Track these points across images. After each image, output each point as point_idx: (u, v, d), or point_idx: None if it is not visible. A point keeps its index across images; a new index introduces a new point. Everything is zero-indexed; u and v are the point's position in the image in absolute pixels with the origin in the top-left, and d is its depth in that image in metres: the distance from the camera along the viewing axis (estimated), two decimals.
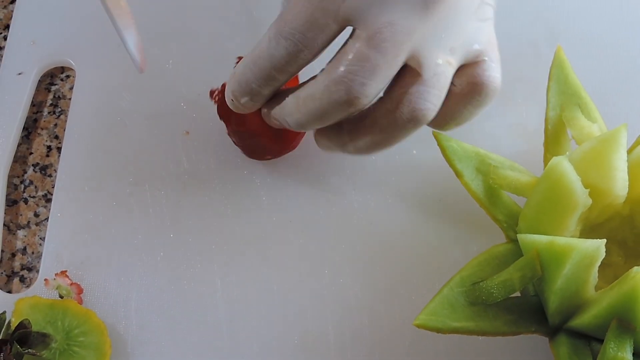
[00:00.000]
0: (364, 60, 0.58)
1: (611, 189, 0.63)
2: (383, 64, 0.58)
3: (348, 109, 0.60)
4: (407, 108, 0.60)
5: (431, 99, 0.61)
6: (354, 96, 0.59)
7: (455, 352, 0.69)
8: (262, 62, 0.61)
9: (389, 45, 0.58)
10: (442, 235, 0.73)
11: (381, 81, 0.59)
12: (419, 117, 0.61)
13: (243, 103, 0.65)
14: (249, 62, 0.63)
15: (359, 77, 0.58)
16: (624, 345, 0.58)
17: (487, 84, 0.62)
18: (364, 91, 0.59)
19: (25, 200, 0.77)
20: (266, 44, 0.61)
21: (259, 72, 0.62)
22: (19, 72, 0.80)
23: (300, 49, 0.60)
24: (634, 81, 0.79)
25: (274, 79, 0.62)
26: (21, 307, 0.69)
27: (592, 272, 0.61)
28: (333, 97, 0.59)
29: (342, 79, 0.58)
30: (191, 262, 0.73)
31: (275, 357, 0.69)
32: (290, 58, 0.60)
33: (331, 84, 0.59)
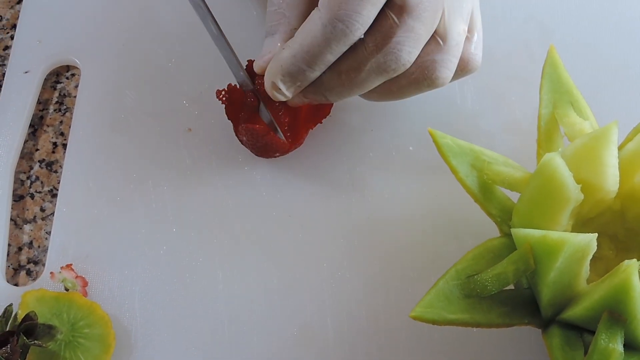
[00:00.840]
0: (409, 30, 0.61)
1: (602, 184, 0.63)
2: (424, 32, 0.62)
3: (393, 74, 0.63)
4: (430, 75, 0.64)
5: (451, 67, 0.65)
6: (402, 63, 0.62)
7: (451, 343, 0.69)
8: (318, 48, 0.63)
9: (429, 15, 0.61)
10: (437, 230, 0.73)
11: (421, 47, 0.63)
12: (438, 83, 0.65)
13: (291, 91, 0.67)
14: (300, 51, 0.63)
15: (407, 46, 0.61)
16: (615, 336, 0.58)
17: (474, 61, 0.67)
18: (410, 59, 0.63)
19: (31, 195, 0.77)
20: (320, 30, 0.62)
21: (313, 58, 0.63)
22: (26, 71, 0.80)
23: (356, 28, 0.61)
24: (625, 79, 0.79)
25: (328, 61, 0.64)
26: (27, 300, 0.69)
27: (584, 265, 0.60)
28: (382, 67, 0.62)
29: (391, 49, 0.61)
30: (193, 256, 0.73)
31: (275, 348, 0.69)
32: (346, 39, 0.62)
33: (380, 56, 0.62)
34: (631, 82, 0.79)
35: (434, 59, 0.64)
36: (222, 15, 0.76)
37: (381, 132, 0.77)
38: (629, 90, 0.79)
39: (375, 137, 0.77)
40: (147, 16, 0.82)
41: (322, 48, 0.62)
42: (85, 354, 0.68)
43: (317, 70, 0.65)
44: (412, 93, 0.67)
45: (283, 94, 0.68)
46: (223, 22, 0.72)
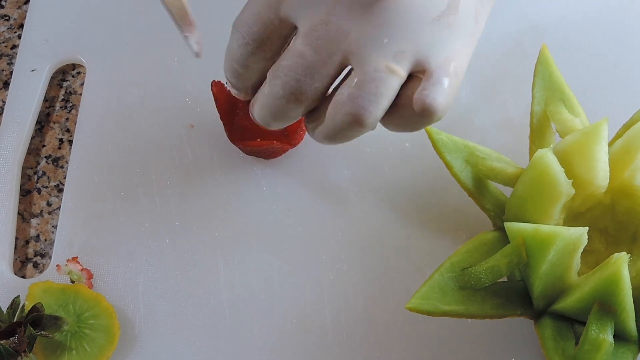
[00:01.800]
0: (298, 57, 0.56)
1: (593, 179, 0.63)
2: (317, 61, 0.56)
3: (290, 104, 0.58)
4: (342, 109, 0.56)
5: (365, 104, 0.55)
6: (290, 92, 0.57)
7: (445, 333, 0.69)
8: (227, 54, 0.61)
9: (322, 42, 0.55)
10: (433, 224, 0.73)
11: (318, 79, 0.56)
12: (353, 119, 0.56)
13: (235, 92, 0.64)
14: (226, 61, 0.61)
15: (294, 72, 0.56)
16: (605, 327, 0.58)
17: (426, 105, 0.55)
18: (299, 87, 0.56)
19: (38, 190, 0.77)
20: (234, 42, 0.59)
21: (227, 65, 0.61)
22: (33, 69, 0.80)
23: (248, 42, 0.58)
24: (615, 78, 0.79)
25: (238, 72, 0.61)
26: (34, 292, 0.69)
27: (575, 258, 0.61)
28: (273, 91, 0.57)
29: (279, 73, 0.57)
30: (195, 248, 0.73)
31: (274, 338, 0.69)
32: (245, 51, 0.59)
33: (272, 79, 0.57)
34: (621, 80, 0.79)
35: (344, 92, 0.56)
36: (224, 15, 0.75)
37: (378, 129, 0.77)
38: (618, 88, 0.78)
39: (372, 134, 0.76)
40: (151, 16, 0.82)
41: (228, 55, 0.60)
42: (91, 344, 0.67)
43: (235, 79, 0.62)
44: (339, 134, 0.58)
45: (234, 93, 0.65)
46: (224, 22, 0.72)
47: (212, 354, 0.69)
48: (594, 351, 0.58)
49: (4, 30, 0.86)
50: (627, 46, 0.81)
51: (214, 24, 0.71)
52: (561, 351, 0.61)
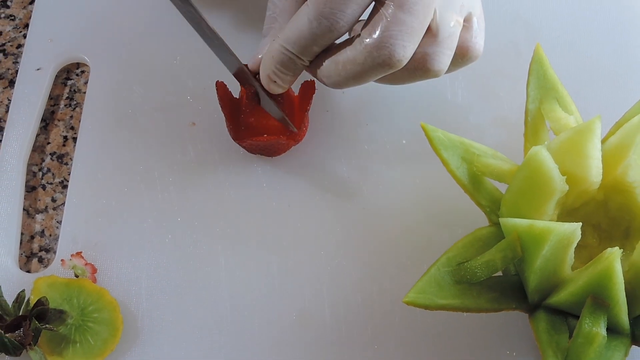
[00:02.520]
0: (401, 25, 0.59)
1: (586, 176, 0.63)
2: (417, 25, 0.60)
3: (389, 70, 0.61)
4: (423, 66, 0.62)
5: (445, 60, 0.63)
6: (397, 59, 0.60)
7: (442, 327, 0.69)
8: (305, 41, 0.62)
9: (420, 7, 0.59)
10: (429, 219, 0.73)
11: (417, 41, 0.61)
12: (431, 75, 0.64)
13: (286, 81, 0.67)
14: (289, 42, 0.63)
15: (400, 40, 0.59)
16: (598, 321, 0.58)
17: (474, 50, 0.66)
18: (405, 53, 0.60)
19: (43, 186, 0.77)
20: (307, 24, 0.61)
21: (301, 49, 0.63)
22: (38, 68, 0.80)
23: (340, 25, 0.61)
24: (608, 76, 0.79)
25: (314, 53, 0.64)
26: (39, 286, 0.69)
27: (569, 253, 0.61)
28: (376, 61, 0.60)
29: (383, 44, 0.60)
30: (197, 244, 0.72)
31: (274, 332, 0.69)
32: (331, 34, 0.61)
33: (373, 50, 0.60)
34: (614, 79, 0.79)
35: (427, 51, 0.62)
36: (225, 14, 0.76)
37: (376, 126, 0.77)
38: (611, 87, 0.78)
39: (370, 131, 0.77)
40: (153, 16, 0.82)
41: (309, 41, 0.62)
42: (95, 337, 0.67)
43: (307, 59, 0.65)
44: (405, 81, 0.66)
45: (280, 86, 0.68)
46: (225, 21, 0.72)
47: (213, 347, 0.69)
48: (587, 344, 0.58)
49: (9, 29, 0.86)
50: (619, 46, 0.81)
51: (218, 24, 0.71)
52: (555, 344, 0.61)
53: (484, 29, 0.67)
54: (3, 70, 0.83)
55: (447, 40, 0.62)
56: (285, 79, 0.67)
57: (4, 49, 0.84)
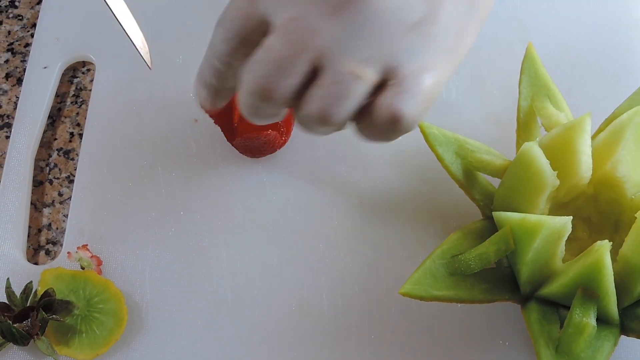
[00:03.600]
0: (270, 52, 0.52)
1: (577, 171, 0.63)
2: (288, 57, 0.51)
3: (263, 101, 0.53)
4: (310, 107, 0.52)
5: (327, 106, 0.52)
6: (263, 88, 0.52)
7: (437, 317, 0.69)
8: (208, 54, 0.58)
9: (293, 38, 0.51)
10: (425, 213, 0.73)
11: (289, 75, 0.52)
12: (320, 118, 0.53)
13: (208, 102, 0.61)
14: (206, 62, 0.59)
15: (266, 69, 0.52)
16: (588, 311, 0.58)
17: (393, 114, 0.52)
18: (271, 82, 0.52)
19: (50, 181, 0.77)
20: (213, 36, 0.57)
21: (208, 65, 0.58)
22: (45, 66, 0.80)
23: (230, 37, 0.55)
24: (597, 75, 0.79)
25: (221, 71, 0.58)
26: (46, 278, 0.69)
27: (560, 245, 0.61)
28: (246, 87, 0.53)
29: (251, 70, 0.52)
30: (199, 237, 0.72)
31: (274, 322, 0.69)
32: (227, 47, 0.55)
33: (244, 74, 0.53)
34: (603, 77, 0.79)
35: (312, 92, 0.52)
36: None
37: None
38: (601, 85, 0.78)
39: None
40: (156, 16, 0.82)
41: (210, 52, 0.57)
42: (100, 327, 0.67)
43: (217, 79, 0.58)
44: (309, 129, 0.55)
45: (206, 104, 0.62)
46: None
47: (215, 337, 0.69)
48: (577, 334, 0.58)
49: (17, 29, 0.85)
50: (609, 45, 0.81)
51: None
52: (546, 334, 0.61)
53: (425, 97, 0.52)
54: (11, 69, 0.83)
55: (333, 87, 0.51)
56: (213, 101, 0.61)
57: (12, 48, 0.84)
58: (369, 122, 0.53)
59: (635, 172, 0.64)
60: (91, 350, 0.67)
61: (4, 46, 0.84)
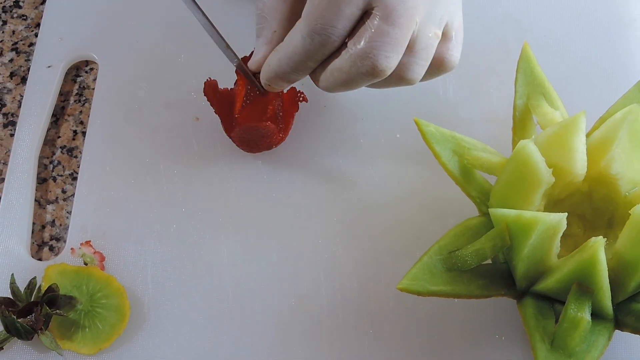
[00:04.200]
0: (385, 36, 0.58)
1: (572, 168, 0.63)
2: (401, 37, 0.58)
3: (374, 79, 0.61)
4: (398, 75, 0.62)
5: (419, 70, 0.62)
6: (380, 69, 0.59)
7: (434, 312, 0.69)
8: (299, 57, 0.62)
9: (403, 20, 0.58)
10: (422, 210, 0.73)
11: (400, 52, 0.59)
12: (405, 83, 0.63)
13: (284, 86, 0.67)
14: (285, 57, 0.63)
15: (383, 51, 0.58)
16: (583, 306, 0.58)
17: (449, 61, 0.64)
18: (388, 64, 0.59)
19: (54, 178, 0.77)
20: (300, 41, 0.60)
21: (295, 65, 0.62)
22: (49, 65, 0.80)
23: (332, 40, 0.60)
24: (592, 74, 0.79)
25: (309, 67, 0.63)
26: (50, 273, 0.69)
27: (555, 242, 0.61)
28: (361, 70, 0.60)
29: (367, 54, 0.59)
30: (200, 233, 0.72)
31: (274, 316, 0.69)
32: (324, 48, 0.60)
33: (357, 60, 0.59)
34: (598, 76, 0.79)
35: (402, 60, 0.61)
36: (228, 14, 0.75)
37: (371, 120, 0.77)
38: (596, 83, 0.78)
39: (365, 126, 0.77)
40: (159, 16, 0.82)
41: (303, 57, 0.61)
42: (103, 322, 0.67)
43: (302, 73, 0.64)
44: (381, 87, 0.65)
45: (277, 89, 0.68)
46: (228, 20, 0.72)
47: (215, 331, 0.69)
48: (572, 329, 0.58)
49: (22, 29, 0.85)
50: (603, 45, 0.80)
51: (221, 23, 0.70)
52: (542, 329, 0.61)
53: (461, 42, 0.65)
54: (16, 68, 0.83)
55: (423, 52, 0.62)
56: (283, 86, 0.67)
57: (17, 48, 0.84)
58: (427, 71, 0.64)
59: (629, 169, 0.63)
60: (94, 344, 0.67)
61: (9, 45, 0.84)
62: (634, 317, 0.61)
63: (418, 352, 0.68)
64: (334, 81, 0.62)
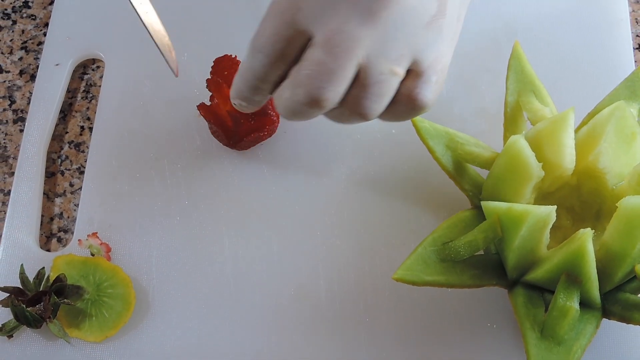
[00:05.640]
0: (319, 65, 0.54)
1: (561, 162, 0.63)
2: (336, 67, 0.54)
3: (312, 109, 0.56)
4: (352, 109, 0.56)
5: (369, 105, 0.56)
6: (315, 98, 0.54)
7: (428, 301, 0.69)
8: (247, 74, 0.58)
9: (339, 50, 0.53)
10: (417, 203, 0.73)
11: (338, 84, 0.54)
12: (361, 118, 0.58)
13: (243, 107, 0.62)
14: (239, 74, 0.59)
15: (316, 80, 0.54)
16: (571, 295, 0.59)
17: (417, 101, 0.57)
18: (322, 94, 0.54)
19: (62, 172, 0.77)
20: (246, 60, 0.57)
21: (246, 82, 0.59)
22: (57, 64, 0.80)
23: (273, 60, 0.56)
24: (580, 71, 0.78)
25: (259, 88, 0.59)
26: (58, 264, 0.69)
27: (545, 233, 0.61)
28: (296, 98, 0.55)
29: (302, 82, 0.54)
30: (203, 225, 0.72)
31: (274, 306, 0.69)
32: (268, 68, 0.56)
33: (294, 87, 0.55)
34: (586, 73, 0.78)
35: (353, 94, 0.55)
36: (229, 14, 0.75)
37: None
38: (584, 81, 0.78)
39: (362, 122, 0.76)
40: (162, 15, 0.81)
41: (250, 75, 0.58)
42: (109, 311, 0.68)
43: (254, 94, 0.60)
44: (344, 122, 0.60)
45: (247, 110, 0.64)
46: (229, 20, 0.72)
47: (217, 319, 0.69)
48: (561, 317, 0.58)
49: (30, 28, 0.85)
50: (591, 44, 0.80)
51: (222, 23, 0.70)
52: (532, 317, 0.61)
53: (439, 82, 0.57)
54: (25, 66, 0.83)
55: (374, 87, 0.55)
56: (249, 107, 0.63)
57: (26, 46, 0.84)
58: (394, 110, 0.58)
59: (616, 163, 0.63)
60: (101, 332, 0.67)
61: (18, 44, 0.84)
62: (621, 306, 0.61)
63: (412, 339, 0.68)
64: (281, 107, 0.58)
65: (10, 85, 0.82)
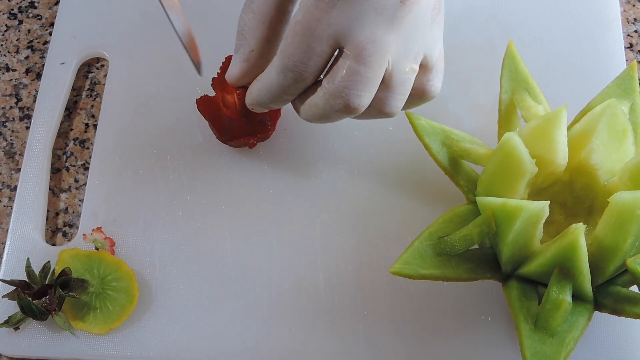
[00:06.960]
0: (355, 75, 0.56)
1: (554, 159, 0.63)
2: (371, 75, 0.56)
3: (347, 115, 0.59)
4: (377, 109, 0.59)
5: (396, 104, 0.60)
6: (353, 107, 0.57)
7: (424, 294, 0.69)
8: (275, 91, 0.60)
9: (374, 59, 0.55)
10: (413, 198, 0.73)
11: (372, 90, 0.57)
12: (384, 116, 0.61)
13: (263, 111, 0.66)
14: (263, 89, 0.61)
15: (354, 90, 0.56)
16: (564, 289, 0.58)
17: (429, 92, 0.62)
18: (360, 102, 0.57)
19: (67, 168, 0.76)
20: (275, 77, 0.58)
21: (272, 97, 0.61)
22: (62, 62, 0.79)
23: (305, 76, 0.58)
24: (573, 70, 0.78)
25: (285, 99, 0.61)
26: (63, 258, 0.69)
27: (538, 228, 0.61)
28: (334, 107, 0.58)
29: (339, 93, 0.56)
30: (205, 219, 0.72)
31: (273, 298, 0.69)
32: (298, 84, 0.58)
33: (330, 98, 0.57)
34: (578, 72, 0.78)
35: (380, 96, 0.58)
36: (230, 14, 0.75)
37: None
38: (576, 79, 0.78)
39: (359, 119, 0.76)
40: (162, 13, 0.81)
41: (278, 90, 0.60)
42: (113, 303, 0.67)
43: (278, 104, 0.62)
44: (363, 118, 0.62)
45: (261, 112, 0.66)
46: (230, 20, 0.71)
47: (219, 312, 0.69)
48: (554, 310, 0.58)
49: (36, 28, 0.85)
50: (584, 43, 0.80)
51: (219, 23, 0.70)
52: (526, 310, 0.61)
53: (442, 70, 0.62)
54: (31, 65, 0.82)
55: (400, 87, 0.59)
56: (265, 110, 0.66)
57: (32, 45, 0.84)
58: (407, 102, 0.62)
59: (608, 160, 0.63)
60: (105, 324, 0.67)
61: (24, 43, 0.84)
62: (612, 299, 0.60)
63: (409, 331, 0.68)
64: (312, 115, 0.60)
65: (16, 83, 0.81)
